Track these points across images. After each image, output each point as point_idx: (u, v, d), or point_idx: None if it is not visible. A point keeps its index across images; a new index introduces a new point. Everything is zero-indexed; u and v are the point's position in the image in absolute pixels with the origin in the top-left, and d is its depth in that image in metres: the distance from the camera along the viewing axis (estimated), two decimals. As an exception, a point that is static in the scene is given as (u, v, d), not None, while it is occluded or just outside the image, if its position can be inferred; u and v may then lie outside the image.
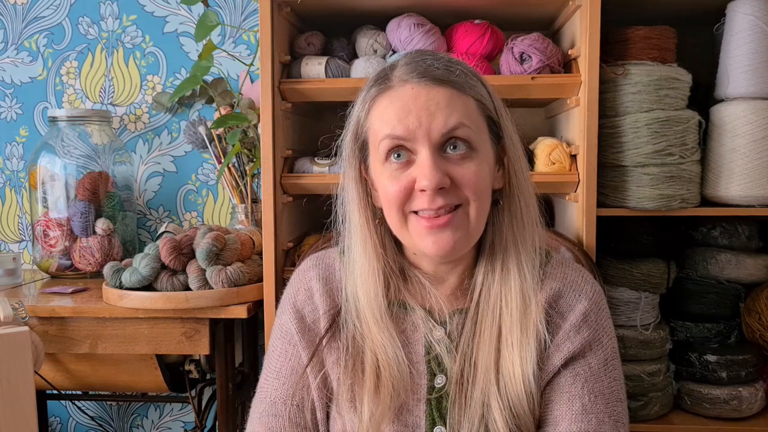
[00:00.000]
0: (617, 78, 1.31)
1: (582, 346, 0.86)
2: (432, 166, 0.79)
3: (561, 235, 1.32)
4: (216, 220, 1.91)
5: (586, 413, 0.83)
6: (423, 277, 0.89)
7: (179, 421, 1.99)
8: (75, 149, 1.73)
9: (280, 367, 0.91)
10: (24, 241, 1.98)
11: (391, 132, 0.81)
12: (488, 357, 0.83)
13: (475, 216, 0.82)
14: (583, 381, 0.85)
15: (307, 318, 0.91)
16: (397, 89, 0.82)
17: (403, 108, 0.80)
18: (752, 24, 1.30)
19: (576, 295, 0.88)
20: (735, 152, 1.31)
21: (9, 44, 1.93)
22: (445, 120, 0.79)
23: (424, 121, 0.79)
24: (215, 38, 1.81)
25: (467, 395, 0.83)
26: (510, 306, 0.84)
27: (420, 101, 0.80)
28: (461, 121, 0.80)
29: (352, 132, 0.87)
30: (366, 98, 0.86)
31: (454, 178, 0.80)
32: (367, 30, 1.45)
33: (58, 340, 1.40)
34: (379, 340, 0.85)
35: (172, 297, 1.32)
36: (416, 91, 0.81)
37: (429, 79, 0.81)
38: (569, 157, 1.33)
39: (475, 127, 0.82)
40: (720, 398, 1.38)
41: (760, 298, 1.43)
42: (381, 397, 0.83)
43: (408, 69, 0.82)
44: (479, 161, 0.82)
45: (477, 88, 0.83)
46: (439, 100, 0.80)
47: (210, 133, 1.70)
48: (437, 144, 0.80)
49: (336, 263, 0.94)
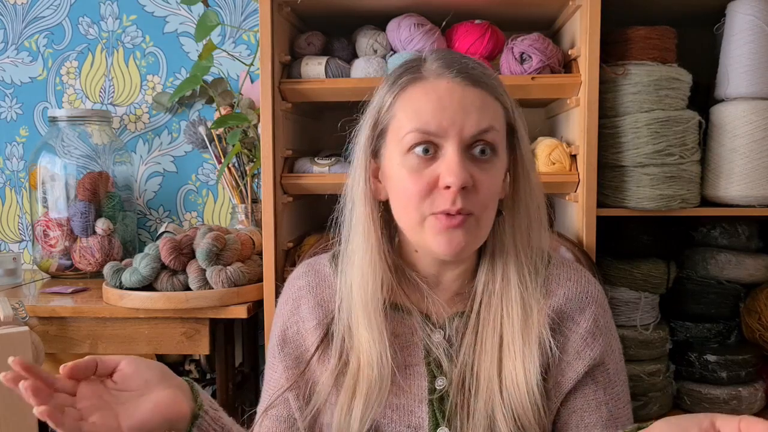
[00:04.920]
0: (617, 78, 1.31)
1: (601, 352, 0.86)
2: (460, 163, 0.77)
3: (561, 235, 1.32)
4: (216, 220, 1.91)
5: (613, 419, 0.85)
6: (419, 279, 0.87)
7: (179, 421, 1.98)
8: (75, 149, 1.73)
9: (269, 378, 0.91)
10: (24, 241, 1.98)
11: (423, 126, 0.78)
12: (491, 366, 0.82)
13: (484, 223, 0.81)
14: (604, 387, 0.86)
15: (289, 330, 0.90)
16: (431, 81, 0.80)
17: (438, 102, 0.78)
18: (752, 24, 1.30)
19: (583, 298, 0.87)
20: (735, 152, 1.31)
21: (9, 44, 1.93)
22: (478, 121, 0.78)
23: (458, 119, 0.78)
24: (215, 38, 1.81)
25: (470, 405, 0.82)
26: (511, 315, 0.83)
27: (455, 98, 0.78)
28: (492, 124, 0.79)
29: (372, 117, 0.84)
30: (395, 85, 0.82)
31: (475, 181, 0.79)
32: (367, 30, 1.45)
33: (58, 340, 1.40)
34: (366, 337, 0.83)
35: (172, 297, 1.33)
36: (452, 86, 0.79)
37: (466, 77, 0.79)
38: (569, 157, 1.33)
39: (501, 133, 0.81)
40: (720, 398, 1.38)
41: (759, 298, 1.43)
42: (356, 400, 0.83)
43: (443, 63, 0.81)
44: (498, 168, 0.81)
45: (505, 96, 0.83)
46: (473, 99, 0.79)
47: (210, 133, 1.70)
48: (466, 144, 0.79)
49: (327, 269, 0.92)
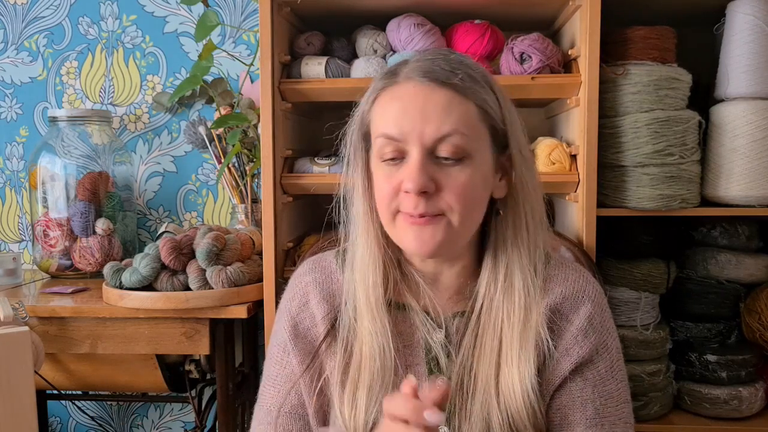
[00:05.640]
0: (617, 78, 1.31)
1: (590, 351, 0.85)
2: (418, 169, 0.78)
3: (561, 235, 1.32)
4: (216, 220, 1.91)
5: (600, 417, 0.85)
6: (418, 275, 0.88)
7: (179, 421, 1.99)
8: (75, 149, 1.73)
9: (276, 374, 0.91)
10: (24, 241, 1.98)
11: (388, 132, 0.80)
12: (488, 370, 0.83)
13: (459, 225, 0.80)
14: (593, 385, 0.85)
15: (300, 326, 0.91)
16: (401, 85, 0.81)
17: (402, 108, 0.80)
18: (752, 24, 1.30)
19: (579, 297, 0.87)
20: (735, 152, 1.31)
21: (9, 44, 1.93)
22: (438, 125, 0.78)
23: (418, 124, 0.78)
24: (215, 38, 1.81)
25: (467, 407, 0.82)
26: (512, 320, 0.83)
27: (418, 102, 0.79)
28: (455, 127, 0.78)
29: (357, 121, 0.86)
30: (373, 90, 0.85)
31: (440, 184, 0.79)
32: (367, 30, 1.45)
33: (58, 340, 1.40)
34: (369, 330, 0.84)
35: (172, 297, 1.33)
36: (417, 90, 0.80)
37: (431, 79, 0.79)
38: (569, 157, 1.33)
39: (471, 134, 0.80)
40: (720, 398, 1.38)
41: (760, 298, 1.43)
42: (359, 392, 0.83)
43: (415, 66, 0.81)
44: (472, 170, 0.80)
45: (481, 94, 0.81)
46: (437, 102, 0.78)
47: (210, 133, 1.70)
48: (429, 148, 0.79)
49: (333, 265, 0.93)
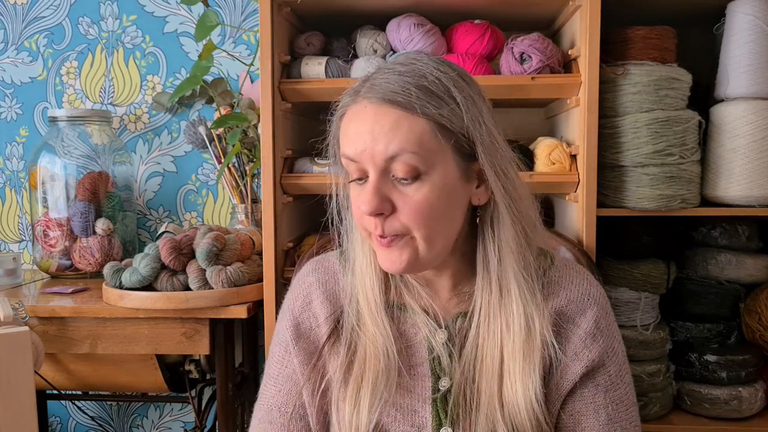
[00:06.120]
0: (617, 78, 1.31)
1: (600, 355, 0.85)
2: (371, 191, 0.77)
3: (561, 235, 1.32)
4: (216, 220, 1.91)
5: (612, 422, 0.85)
6: (413, 279, 0.89)
7: (179, 421, 1.99)
8: (75, 149, 1.73)
9: (278, 374, 0.91)
10: (24, 241, 1.98)
11: (346, 152, 0.80)
12: (491, 382, 0.82)
13: (426, 242, 0.79)
14: (604, 391, 0.85)
15: (303, 326, 0.91)
16: (358, 105, 0.79)
17: (356, 128, 0.78)
18: (752, 24, 1.30)
19: (585, 300, 0.87)
20: (735, 152, 1.31)
21: (9, 44, 1.93)
22: (385, 146, 0.76)
23: (369, 145, 0.76)
24: (215, 38, 1.81)
25: (472, 420, 0.82)
26: (512, 329, 0.83)
27: (367, 123, 0.77)
28: (403, 146, 0.75)
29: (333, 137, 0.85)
30: (341, 106, 0.83)
31: (396, 205, 0.78)
32: (367, 30, 1.45)
33: (58, 340, 1.40)
34: (372, 330, 0.85)
35: (172, 297, 1.33)
36: (368, 110, 0.77)
37: (380, 98, 0.77)
38: (569, 157, 1.33)
39: (424, 151, 0.76)
40: (720, 398, 1.38)
41: (759, 298, 1.43)
42: (363, 391, 0.83)
43: (371, 85, 0.79)
44: (430, 187, 0.77)
45: (436, 109, 0.76)
46: (384, 122, 0.76)
47: (210, 133, 1.70)
48: (381, 168, 0.77)
49: (336, 265, 0.93)
